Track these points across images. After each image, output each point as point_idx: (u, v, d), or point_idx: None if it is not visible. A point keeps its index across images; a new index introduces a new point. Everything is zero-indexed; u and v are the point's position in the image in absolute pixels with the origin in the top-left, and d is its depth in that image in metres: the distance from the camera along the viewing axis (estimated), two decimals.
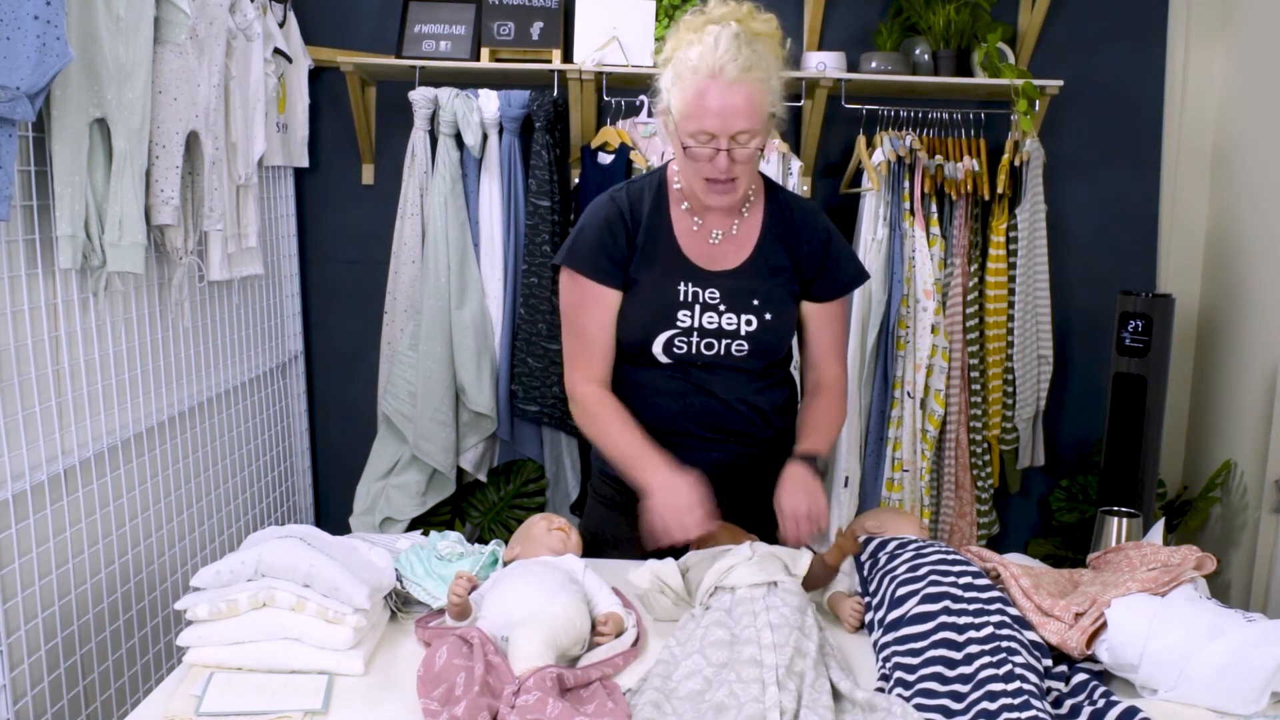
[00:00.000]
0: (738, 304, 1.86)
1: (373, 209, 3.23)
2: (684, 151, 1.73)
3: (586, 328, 1.88)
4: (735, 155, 1.71)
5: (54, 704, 1.93)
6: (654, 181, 1.91)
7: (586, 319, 1.88)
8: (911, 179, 2.94)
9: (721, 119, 1.68)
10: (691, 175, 1.78)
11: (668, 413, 1.90)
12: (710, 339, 1.86)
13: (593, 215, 1.89)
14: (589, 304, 1.87)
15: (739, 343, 1.87)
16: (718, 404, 1.90)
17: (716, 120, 1.68)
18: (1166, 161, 3.25)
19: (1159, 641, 1.44)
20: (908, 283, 2.94)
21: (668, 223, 1.88)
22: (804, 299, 1.93)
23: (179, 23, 2.02)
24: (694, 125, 1.70)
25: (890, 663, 1.48)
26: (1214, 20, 3.17)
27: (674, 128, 1.75)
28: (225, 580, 1.55)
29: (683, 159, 1.76)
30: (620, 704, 1.38)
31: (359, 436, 3.27)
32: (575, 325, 1.89)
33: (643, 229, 1.87)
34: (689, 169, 1.77)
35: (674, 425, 1.90)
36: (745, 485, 1.90)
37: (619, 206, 1.87)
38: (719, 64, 1.67)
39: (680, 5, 2.97)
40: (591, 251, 1.85)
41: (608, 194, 1.91)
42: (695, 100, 1.69)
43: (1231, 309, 3.05)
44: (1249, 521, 2.85)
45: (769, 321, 1.87)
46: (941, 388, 2.96)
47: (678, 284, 1.86)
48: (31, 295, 1.87)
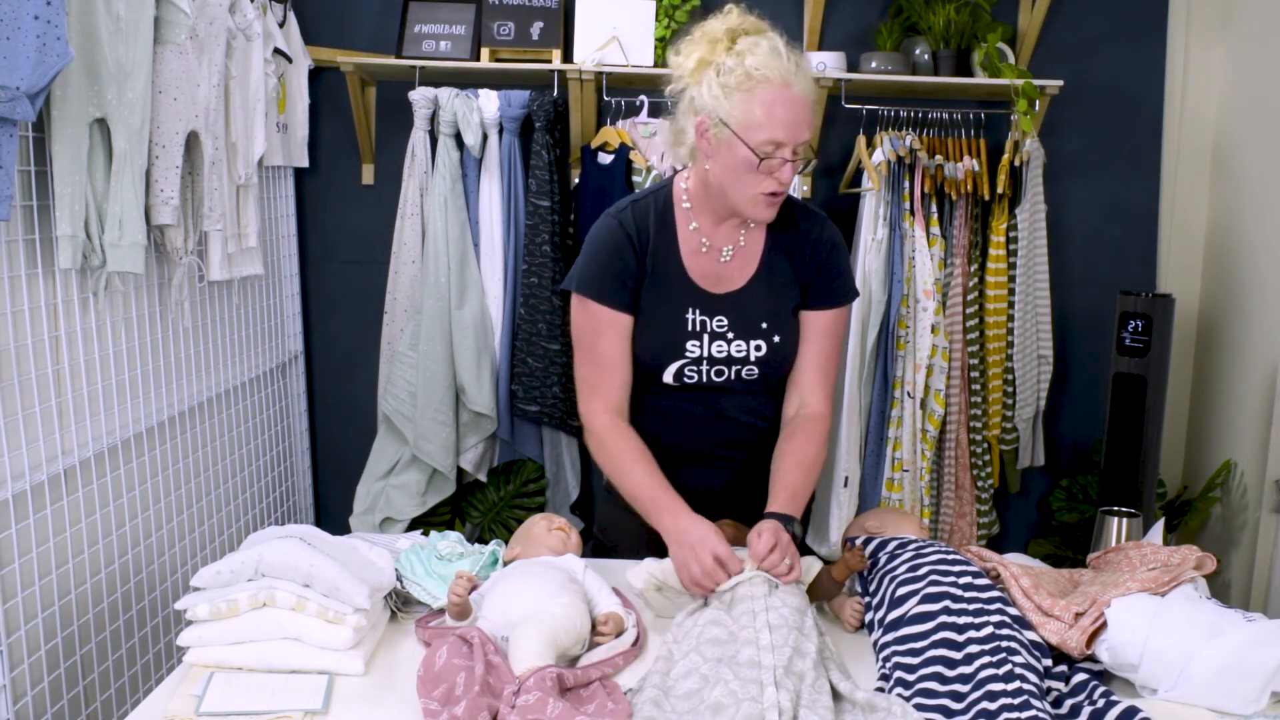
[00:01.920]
0: (746, 330, 1.83)
1: (373, 209, 3.23)
2: (757, 164, 1.66)
3: (602, 352, 1.83)
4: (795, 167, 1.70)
5: (54, 704, 1.93)
6: (659, 200, 1.85)
7: (601, 344, 1.83)
8: (911, 179, 2.94)
9: (793, 128, 1.65)
10: (751, 189, 1.70)
11: (686, 435, 1.89)
12: (720, 366, 1.84)
13: (599, 239, 1.83)
14: (603, 329, 1.82)
15: (749, 368, 1.85)
16: (731, 423, 1.89)
17: (787, 130, 1.64)
18: (1166, 161, 3.26)
19: (1159, 641, 1.45)
20: (908, 283, 2.94)
21: (675, 245, 1.83)
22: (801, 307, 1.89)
23: (179, 23, 2.02)
24: (764, 135, 1.64)
25: (890, 663, 1.48)
26: (1214, 20, 3.17)
27: (727, 138, 1.67)
28: (225, 580, 1.55)
29: (745, 174, 1.68)
30: (621, 704, 1.38)
31: (359, 436, 3.27)
32: (590, 350, 1.84)
33: (650, 251, 1.82)
34: (749, 183, 1.69)
35: (693, 446, 1.90)
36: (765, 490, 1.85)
37: (625, 229, 1.82)
38: (787, 73, 1.63)
39: (680, 5, 2.97)
40: (600, 276, 1.81)
41: (611, 216, 1.85)
42: (765, 110, 1.63)
43: (1231, 309, 3.05)
44: (1249, 521, 2.85)
45: (777, 344, 1.85)
46: (941, 388, 2.96)
47: (685, 312, 1.83)
48: (31, 295, 1.87)
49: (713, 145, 1.71)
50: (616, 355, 1.83)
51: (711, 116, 1.68)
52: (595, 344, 1.83)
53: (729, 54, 1.66)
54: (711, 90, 1.66)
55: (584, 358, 1.85)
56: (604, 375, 1.83)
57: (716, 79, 1.66)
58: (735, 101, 1.65)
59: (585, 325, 1.84)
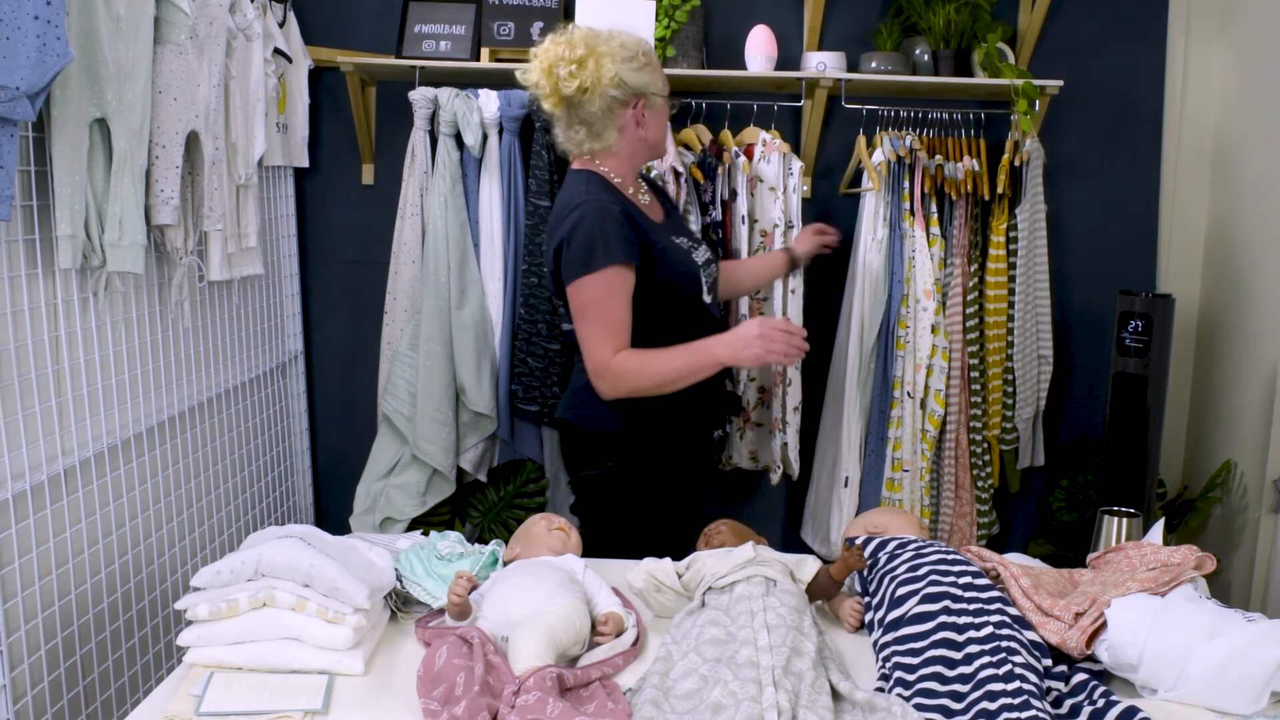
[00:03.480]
0: (695, 240, 2.32)
1: (373, 209, 3.23)
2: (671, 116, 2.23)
3: (618, 315, 2.06)
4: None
5: (54, 704, 1.93)
6: (599, 185, 2.16)
7: (618, 307, 2.06)
8: (911, 179, 2.94)
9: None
10: (663, 132, 2.23)
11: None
12: (711, 268, 2.28)
13: (602, 215, 2.08)
14: (619, 293, 2.06)
15: (714, 265, 2.33)
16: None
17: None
18: (1166, 161, 3.26)
19: (1159, 641, 1.45)
20: (908, 283, 2.94)
21: (631, 204, 2.18)
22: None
23: (179, 23, 2.02)
24: (666, 90, 2.21)
25: (890, 663, 1.48)
26: (1214, 20, 3.17)
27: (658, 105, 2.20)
28: (225, 580, 1.55)
29: (664, 124, 2.25)
30: (620, 704, 1.38)
31: (359, 436, 3.27)
32: (604, 315, 2.06)
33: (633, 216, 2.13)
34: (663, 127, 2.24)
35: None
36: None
37: (614, 205, 2.11)
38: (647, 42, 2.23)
39: (680, 5, 2.97)
40: (624, 242, 2.06)
41: (593, 200, 2.10)
42: (659, 72, 2.21)
43: (1231, 309, 3.05)
44: (1249, 521, 2.85)
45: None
46: (941, 388, 2.95)
47: (672, 238, 2.21)
48: (31, 295, 1.87)
49: (647, 115, 2.18)
50: (625, 316, 2.08)
51: (644, 93, 2.15)
52: (611, 308, 2.06)
53: (606, 44, 2.12)
54: (627, 75, 2.11)
55: (597, 321, 2.06)
56: (618, 331, 2.06)
57: (624, 65, 2.11)
58: (649, 74, 2.16)
59: (601, 294, 2.05)
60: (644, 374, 2.06)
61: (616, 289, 2.06)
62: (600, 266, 2.04)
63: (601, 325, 2.06)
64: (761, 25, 3.01)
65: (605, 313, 2.06)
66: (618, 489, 2.19)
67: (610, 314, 2.06)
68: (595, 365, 2.06)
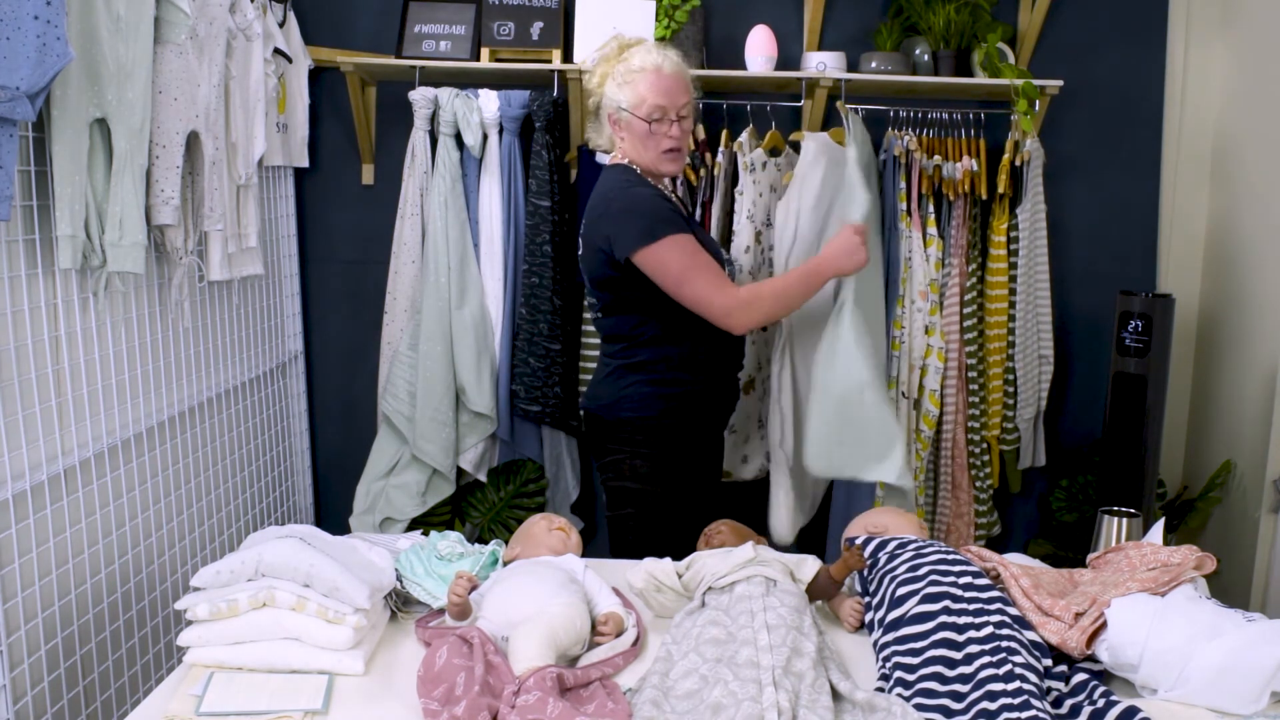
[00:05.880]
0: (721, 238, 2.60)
1: (373, 209, 3.23)
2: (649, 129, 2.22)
3: (710, 262, 2.19)
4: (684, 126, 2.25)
5: (54, 704, 1.93)
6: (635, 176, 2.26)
7: (705, 257, 2.19)
8: (908, 179, 2.94)
9: (669, 95, 2.22)
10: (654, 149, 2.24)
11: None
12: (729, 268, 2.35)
13: (641, 194, 2.21)
14: (696, 247, 2.18)
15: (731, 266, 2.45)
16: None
17: (666, 97, 2.22)
18: (1166, 161, 3.26)
19: (1159, 641, 1.45)
20: (904, 283, 2.93)
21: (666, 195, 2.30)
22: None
23: (179, 23, 2.02)
24: (648, 106, 2.21)
25: (890, 663, 1.48)
26: (1214, 20, 3.17)
27: (627, 119, 2.24)
28: (225, 580, 1.55)
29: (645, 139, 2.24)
30: (620, 704, 1.38)
31: (359, 436, 3.27)
32: (701, 266, 2.17)
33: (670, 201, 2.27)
34: (651, 145, 2.24)
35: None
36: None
37: (652, 190, 2.24)
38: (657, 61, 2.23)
39: (680, 5, 2.97)
40: (671, 212, 2.20)
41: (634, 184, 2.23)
42: (647, 88, 2.21)
43: (1231, 309, 3.05)
44: (1249, 522, 2.85)
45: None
46: (936, 388, 2.95)
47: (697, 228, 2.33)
48: (31, 295, 1.87)
49: (622, 128, 2.27)
50: (715, 262, 2.22)
51: (615, 108, 2.26)
52: (698, 261, 2.17)
53: (619, 62, 2.27)
54: (610, 90, 2.27)
55: (697, 273, 2.17)
56: (719, 274, 2.20)
57: (612, 81, 2.27)
58: (625, 91, 2.24)
59: (685, 252, 2.17)
60: (767, 298, 2.21)
61: (690, 246, 2.17)
62: (664, 234, 2.15)
63: (706, 274, 2.17)
64: (761, 25, 3.01)
65: (699, 263, 2.17)
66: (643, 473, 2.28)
67: (704, 262, 2.17)
68: (726, 306, 2.17)
